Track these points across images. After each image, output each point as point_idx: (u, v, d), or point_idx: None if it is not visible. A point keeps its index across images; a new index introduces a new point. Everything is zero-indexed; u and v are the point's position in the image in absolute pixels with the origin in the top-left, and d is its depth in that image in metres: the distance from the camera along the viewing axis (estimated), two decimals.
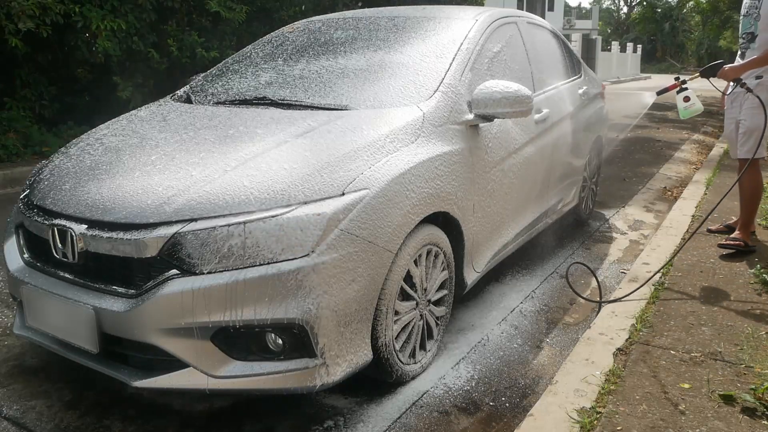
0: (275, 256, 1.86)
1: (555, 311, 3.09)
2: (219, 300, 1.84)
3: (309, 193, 1.96)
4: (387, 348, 2.19)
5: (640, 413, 2.01)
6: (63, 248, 2.05)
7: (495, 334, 2.82)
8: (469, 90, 2.71)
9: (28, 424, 2.13)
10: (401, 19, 3.23)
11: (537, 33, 3.86)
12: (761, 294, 2.98)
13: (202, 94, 3.02)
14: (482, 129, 2.74)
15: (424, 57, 2.82)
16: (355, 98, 2.60)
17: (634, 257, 3.74)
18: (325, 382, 1.96)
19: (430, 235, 2.35)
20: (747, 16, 3.43)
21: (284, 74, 3.02)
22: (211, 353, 1.90)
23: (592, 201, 4.72)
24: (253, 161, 2.07)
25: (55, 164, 2.45)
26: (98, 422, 2.14)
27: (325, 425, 2.13)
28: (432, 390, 2.34)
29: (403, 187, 2.16)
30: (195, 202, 1.93)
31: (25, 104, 7.09)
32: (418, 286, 2.34)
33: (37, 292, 2.11)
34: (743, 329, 2.61)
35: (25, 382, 2.39)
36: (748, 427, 1.93)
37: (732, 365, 2.31)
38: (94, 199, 2.06)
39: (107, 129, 2.70)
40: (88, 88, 8.10)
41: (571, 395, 2.13)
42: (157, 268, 1.90)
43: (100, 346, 1.97)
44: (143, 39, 7.28)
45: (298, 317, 1.86)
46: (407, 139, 2.32)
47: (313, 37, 3.32)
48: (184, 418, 2.17)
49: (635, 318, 2.70)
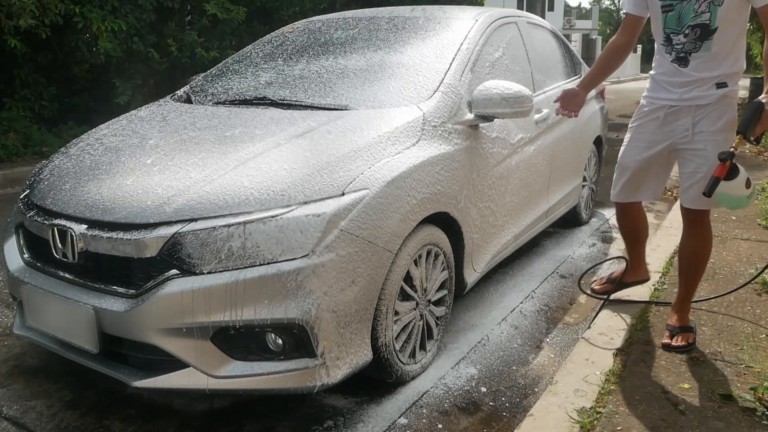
0: (275, 257, 1.86)
1: (555, 311, 3.09)
2: (219, 300, 1.84)
3: (309, 194, 1.96)
4: (387, 348, 2.19)
5: (640, 413, 2.01)
6: (63, 248, 2.05)
7: (495, 334, 2.82)
8: (469, 90, 2.72)
9: (28, 424, 2.13)
10: (401, 19, 3.23)
11: (537, 33, 3.86)
12: (761, 294, 2.98)
13: (202, 94, 3.02)
14: (482, 129, 2.74)
15: (424, 57, 2.82)
16: (355, 98, 2.60)
17: None
18: (325, 382, 1.96)
19: (430, 235, 2.35)
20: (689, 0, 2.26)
21: (284, 74, 3.02)
22: (211, 353, 1.90)
23: (592, 201, 4.72)
24: (253, 161, 2.07)
25: (55, 164, 2.45)
26: (98, 422, 2.14)
27: (325, 425, 2.13)
28: (432, 390, 2.34)
29: (403, 188, 2.16)
30: (195, 202, 1.93)
31: (25, 104, 7.09)
32: (418, 287, 2.34)
33: (37, 292, 2.11)
34: (743, 329, 2.61)
35: (25, 382, 2.39)
36: (748, 427, 1.93)
37: (732, 365, 2.31)
38: (94, 199, 2.06)
39: (107, 129, 2.70)
40: (88, 88, 8.10)
41: (571, 395, 2.13)
42: (157, 268, 1.90)
43: (100, 346, 1.97)
44: (143, 39, 7.28)
45: (298, 317, 1.86)
46: (407, 139, 2.32)
47: (313, 37, 3.32)
48: (184, 418, 2.17)
49: (635, 318, 2.70)
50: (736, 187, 2.10)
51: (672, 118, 2.39)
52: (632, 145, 2.56)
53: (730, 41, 2.25)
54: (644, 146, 2.50)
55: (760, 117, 2.06)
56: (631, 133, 2.57)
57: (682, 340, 2.43)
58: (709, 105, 2.29)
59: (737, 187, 2.10)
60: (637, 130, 2.53)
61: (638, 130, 2.53)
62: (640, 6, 2.48)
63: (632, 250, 2.88)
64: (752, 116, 2.07)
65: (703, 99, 2.30)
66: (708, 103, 2.29)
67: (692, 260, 2.51)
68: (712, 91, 2.28)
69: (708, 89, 2.29)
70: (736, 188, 2.10)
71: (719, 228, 4.12)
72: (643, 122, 2.50)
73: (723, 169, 2.08)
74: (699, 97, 2.30)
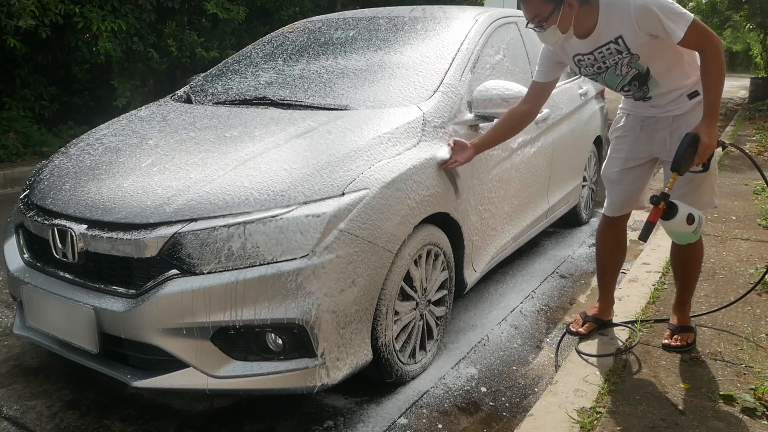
0: (275, 257, 1.86)
1: (555, 311, 3.09)
2: (219, 300, 1.84)
3: (309, 194, 1.96)
4: (387, 348, 2.19)
5: (640, 413, 2.01)
6: (63, 248, 2.05)
7: (495, 334, 2.82)
8: (469, 90, 2.71)
9: (28, 424, 2.13)
10: (401, 19, 3.23)
11: None
12: (761, 294, 2.98)
13: (202, 94, 3.02)
14: (482, 129, 2.74)
15: (424, 57, 2.82)
16: (354, 98, 2.60)
17: (634, 257, 3.73)
18: (325, 383, 1.96)
19: (430, 235, 2.35)
20: (611, 67, 2.21)
21: (284, 74, 3.02)
22: (211, 353, 1.90)
23: (592, 201, 4.72)
24: (253, 161, 2.07)
25: (55, 164, 2.45)
26: (98, 422, 2.14)
27: (325, 425, 2.13)
28: (432, 390, 2.34)
29: (403, 188, 2.16)
30: (195, 202, 1.93)
31: (25, 104, 7.09)
32: (418, 287, 2.34)
33: (37, 292, 2.11)
34: (743, 329, 2.61)
35: (25, 382, 2.39)
36: (748, 427, 1.93)
37: (732, 365, 2.31)
38: (94, 199, 2.06)
39: (107, 129, 2.70)
40: (88, 88, 8.10)
41: (571, 395, 2.13)
42: (157, 268, 1.90)
43: (100, 346, 1.97)
44: (143, 39, 7.28)
45: (298, 317, 1.86)
46: (407, 139, 2.32)
47: (313, 37, 3.32)
48: (184, 418, 2.17)
49: (635, 318, 2.70)
50: (678, 225, 2.05)
51: (650, 129, 2.35)
52: (614, 157, 2.49)
53: (669, 67, 2.17)
54: (625, 157, 2.44)
55: (696, 150, 2.00)
56: (613, 145, 2.51)
57: (682, 340, 2.43)
58: (685, 114, 2.25)
59: (679, 225, 2.05)
60: (618, 143, 2.48)
61: (618, 142, 2.48)
62: (548, 74, 2.39)
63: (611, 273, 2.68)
64: (685, 151, 1.99)
65: (678, 110, 2.26)
66: (684, 113, 2.26)
67: (684, 267, 2.49)
68: (685, 101, 2.24)
69: (680, 101, 2.25)
70: (678, 226, 2.06)
71: (719, 228, 4.13)
72: (622, 134, 2.46)
73: (657, 213, 2.02)
74: (675, 108, 2.27)
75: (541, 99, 2.47)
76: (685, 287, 2.51)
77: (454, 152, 2.44)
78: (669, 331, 2.49)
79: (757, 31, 16.39)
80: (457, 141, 2.47)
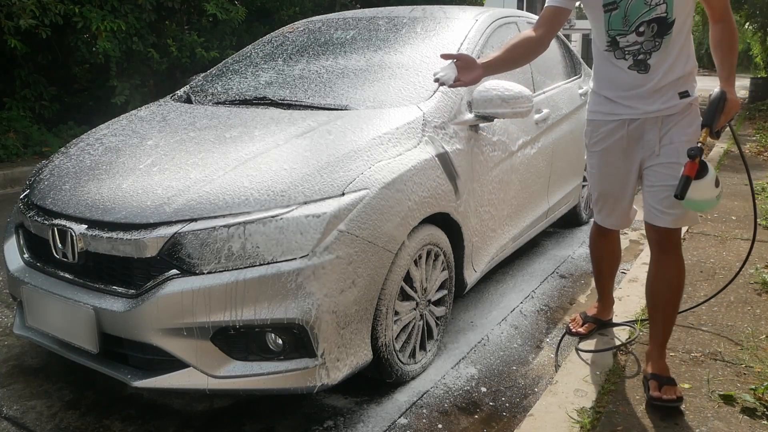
0: (275, 257, 1.86)
1: (555, 311, 3.09)
2: (219, 300, 1.84)
3: (309, 194, 1.96)
4: (387, 348, 2.19)
5: (640, 413, 2.01)
6: (63, 248, 2.05)
7: (495, 334, 2.82)
8: (469, 90, 2.71)
9: (28, 424, 2.13)
10: (401, 19, 3.23)
11: None
12: (761, 294, 2.98)
13: (202, 94, 3.02)
14: (482, 129, 2.74)
15: (424, 57, 2.81)
16: (354, 98, 2.60)
17: (634, 257, 3.74)
18: (325, 383, 1.96)
19: (430, 235, 2.35)
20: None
21: (284, 74, 3.02)
22: (211, 353, 1.90)
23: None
24: (253, 161, 2.07)
25: (55, 164, 2.45)
26: (98, 422, 2.14)
27: (325, 425, 2.13)
28: (432, 390, 2.34)
29: (403, 188, 2.16)
30: (195, 202, 1.93)
31: (25, 104, 7.10)
32: (418, 287, 2.34)
33: (37, 292, 2.11)
34: (743, 329, 2.61)
35: (25, 382, 2.39)
36: (748, 427, 1.93)
37: (732, 365, 2.31)
38: (94, 199, 2.06)
39: (107, 129, 2.70)
40: (88, 88, 8.10)
41: (571, 395, 2.13)
42: (157, 268, 1.90)
43: (100, 346, 1.97)
44: (143, 39, 7.28)
45: (298, 317, 1.86)
46: (407, 139, 2.32)
47: (313, 37, 3.32)
48: (184, 418, 2.17)
49: (635, 318, 2.70)
50: (706, 187, 1.90)
51: (637, 134, 2.15)
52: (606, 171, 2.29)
53: (683, 36, 2.03)
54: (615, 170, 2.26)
55: (724, 107, 1.93)
56: (598, 158, 2.29)
57: (674, 393, 2.05)
58: (676, 114, 2.07)
59: (707, 187, 1.90)
60: (604, 155, 2.26)
61: (604, 154, 2.26)
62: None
63: (608, 277, 2.63)
64: (716, 107, 1.92)
65: (668, 110, 2.07)
66: (674, 113, 2.07)
67: (667, 294, 2.16)
68: (676, 100, 2.06)
69: (671, 98, 2.07)
70: (706, 188, 1.90)
71: (719, 228, 4.13)
72: (606, 145, 2.24)
73: (693, 167, 1.88)
74: (664, 108, 2.08)
75: (554, 26, 2.23)
76: (666, 323, 2.19)
77: (459, 71, 2.13)
78: (654, 382, 2.09)
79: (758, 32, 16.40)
80: (463, 56, 2.14)
